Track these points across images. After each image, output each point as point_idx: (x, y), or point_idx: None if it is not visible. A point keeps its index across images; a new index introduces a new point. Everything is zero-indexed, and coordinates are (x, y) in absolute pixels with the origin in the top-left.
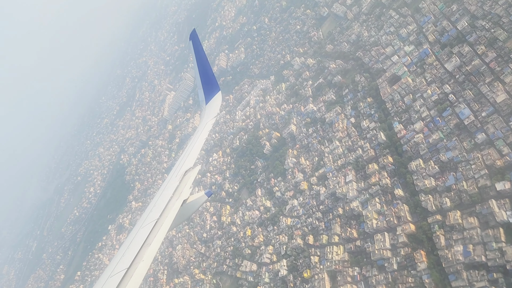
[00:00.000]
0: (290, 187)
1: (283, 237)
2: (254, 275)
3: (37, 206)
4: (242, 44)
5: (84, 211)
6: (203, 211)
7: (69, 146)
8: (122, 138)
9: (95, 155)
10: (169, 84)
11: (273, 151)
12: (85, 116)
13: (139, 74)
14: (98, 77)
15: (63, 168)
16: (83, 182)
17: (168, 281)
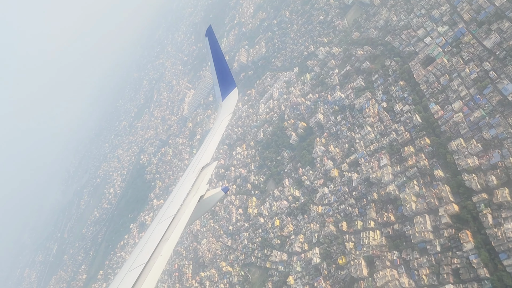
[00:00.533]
0: (320, 175)
1: (314, 225)
2: (284, 264)
3: (57, 209)
4: (263, 39)
5: (104, 211)
6: (228, 204)
7: (87, 150)
8: (141, 138)
9: (114, 157)
10: (188, 83)
11: (299, 141)
12: (103, 120)
13: (156, 76)
14: (115, 81)
15: (82, 171)
16: (102, 184)
17: (193, 275)
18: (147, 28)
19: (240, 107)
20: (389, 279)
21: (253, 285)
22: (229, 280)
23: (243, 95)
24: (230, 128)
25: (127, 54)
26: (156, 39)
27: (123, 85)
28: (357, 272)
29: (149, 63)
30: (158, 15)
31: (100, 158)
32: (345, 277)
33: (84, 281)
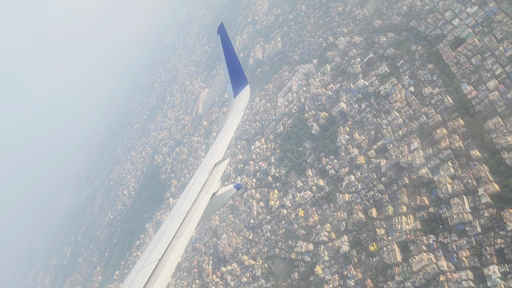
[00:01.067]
0: (345, 164)
1: (341, 213)
2: (311, 254)
3: (70, 214)
4: (278, 34)
5: (118, 213)
6: (249, 198)
7: (99, 155)
8: (155, 140)
9: (127, 160)
10: (202, 83)
11: (321, 131)
12: (114, 124)
13: (168, 78)
14: (126, 86)
15: (94, 176)
16: (116, 186)
17: (214, 271)
18: (158, 32)
19: (257, 102)
20: (426, 263)
21: (277, 277)
22: (252, 273)
23: (260, 90)
24: (247, 123)
25: (138, 58)
26: (167, 42)
27: (135, 89)
28: (390, 258)
29: (161, 67)
30: (169, 19)
31: (113, 161)
32: (377, 264)
33: (100, 282)
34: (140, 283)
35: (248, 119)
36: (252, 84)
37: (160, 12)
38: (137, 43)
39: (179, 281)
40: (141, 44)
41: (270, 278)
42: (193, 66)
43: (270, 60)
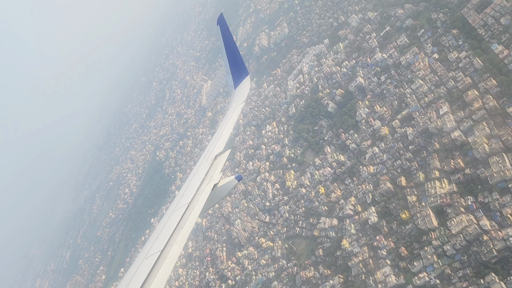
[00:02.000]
0: (367, 137)
1: (366, 186)
2: (335, 230)
3: (68, 218)
4: (284, 21)
5: (120, 212)
6: (262, 181)
7: (95, 158)
8: (156, 136)
9: (127, 159)
10: (204, 76)
11: (338, 108)
12: (111, 127)
13: (167, 76)
14: (121, 88)
15: (92, 178)
16: (116, 186)
17: (229, 257)
18: (153, 33)
19: (265, 87)
20: (466, 224)
21: (299, 255)
22: (272, 255)
23: (267, 76)
24: (255, 109)
25: (133, 60)
26: (164, 42)
27: (131, 91)
28: (425, 224)
29: (158, 66)
30: (164, 19)
31: (111, 162)
32: (410, 231)
33: (104, 282)
34: (143, 274)
35: (256, 105)
36: (259, 71)
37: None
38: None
39: (191, 271)
40: (136, 46)
41: (292, 258)
42: (193, 61)
43: (277, 46)
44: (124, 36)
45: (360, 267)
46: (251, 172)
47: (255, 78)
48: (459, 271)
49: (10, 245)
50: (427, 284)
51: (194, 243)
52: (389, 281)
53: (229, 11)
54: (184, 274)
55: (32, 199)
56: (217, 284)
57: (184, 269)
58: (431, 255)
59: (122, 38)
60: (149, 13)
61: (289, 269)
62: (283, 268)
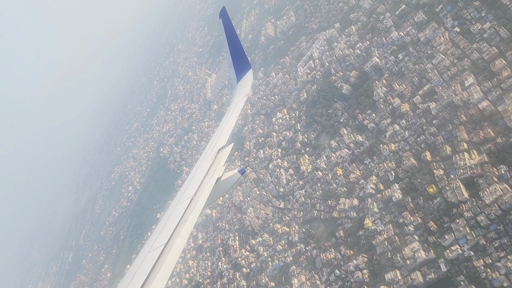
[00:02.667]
0: (386, 115)
1: (388, 163)
2: (356, 210)
3: (69, 220)
4: (290, 10)
5: (124, 210)
6: (275, 168)
7: (96, 159)
8: (158, 134)
9: (129, 158)
10: (207, 70)
11: (353, 90)
12: (111, 128)
13: (168, 74)
14: (120, 89)
15: (92, 180)
16: (118, 185)
17: (242, 245)
18: (152, 33)
19: (273, 76)
20: (501, 193)
21: (318, 238)
22: (288, 240)
23: (275, 65)
24: (264, 98)
25: (132, 62)
26: (163, 41)
27: (130, 91)
28: (455, 196)
29: (158, 65)
30: (163, 19)
31: (112, 162)
32: (439, 205)
33: (109, 279)
34: (147, 267)
35: (265, 94)
36: (266, 61)
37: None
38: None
39: (202, 262)
40: (135, 47)
41: (310, 241)
42: (195, 57)
43: (284, 35)
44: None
45: (386, 244)
46: (262, 160)
47: (262, 67)
48: (495, 241)
49: (9, 250)
50: (460, 257)
51: (204, 235)
52: (418, 257)
53: (231, 5)
54: (195, 265)
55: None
56: (231, 273)
57: (194, 261)
58: (463, 227)
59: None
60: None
61: (307, 253)
62: (301, 252)
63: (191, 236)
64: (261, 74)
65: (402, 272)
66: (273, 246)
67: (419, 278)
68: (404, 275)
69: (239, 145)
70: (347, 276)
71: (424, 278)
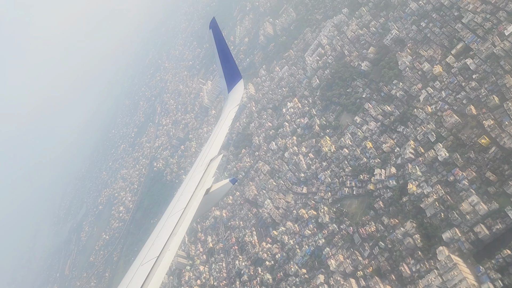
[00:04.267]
0: (416, 81)
1: (426, 126)
2: (395, 178)
3: (50, 253)
4: (289, 7)
5: (116, 231)
6: (291, 156)
7: (78, 189)
8: (150, 150)
9: (117, 179)
10: (201, 79)
11: (373, 65)
12: (93, 155)
13: (155, 92)
14: (102, 115)
15: (76, 209)
16: (107, 208)
17: (261, 239)
18: (133, 58)
19: (278, 70)
20: None
21: (353, 215)
22: (317, 223)
23: (278, 60)
24: (270, 93)
25: (112, 88)
26: (147, 63)
27: (113, 117)
28: None
29: (143, 86)
30: (145, 44)
31: (98, 187)
32: (494, 155)
33: None
34: (139, 281)
35: (270, 89)
36: (268, 58)
37: (135, 38)
38: (112, 72)
39: (215, 265)
40: (116, 72)
41: (344, 219)
42: (186, 71)
43: (285, 31)
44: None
45: (436, 205)
46: (276, 152)
47: (264, 65)
48: None
49: None
50: None
51: (215, 237)
52: (479, 209)
53: (222, 15)
54: (207, 270)
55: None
56: (251, 270)
57: (205, 266)
58: None
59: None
60: (130, 39)
61: (342, 231)
62: (335, 232)
63: (199, 241)
64: (263, 71)
65: (461, 229)
66: (300, 232)
67: (484, 231)
68: (465, 231)
69: (246, 142)
70: (394, 246)
71: (490, 230)
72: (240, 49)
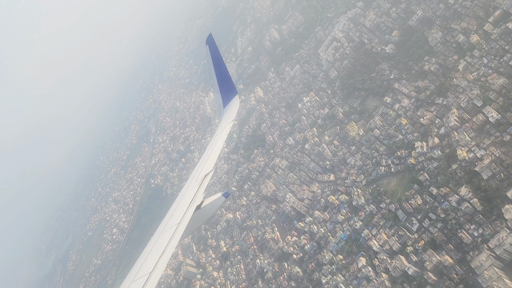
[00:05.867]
0: (451, 53)
1: (470, 92)
2: (440, 147)
3: None
4: (296, 12)
5: (110, 253)
6: (313, 146)
7: (62, 220)
8: (145, 168)
9: (109, 203)
10: (201, 92)
11: (399, 47)
12: (79, 185)
13: (148, 114)
14: (88, 146)
15: (60, 240)
16: (98, 233)
17: (284, 234)
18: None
19: (288, 70)
20: None
21: (393, 192)
22: (352, 206)
23: (288, 61)
24: (281, 93)
25: (101, 117)
26: (138, 89)
27: (101, 144)
28: None
29: (135, 110)
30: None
31: (86, 215)
32: None
33: None
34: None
35: (282, 88)
36: (276, 62)
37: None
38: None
39: (231, 268)
40: (104, 103)
41: (383, 198)
42: (182, 88)
43: (293, 34)
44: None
45: (493, 166)
46: (293, 146)
47: (272, 68)
48: None
49: None
50: None
51: (229, 240)
52: None
53: (220, 32)
54: (221, 275)
55: None
56: (275, 266)
57: (219, 271)
58: None
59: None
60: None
61: (382, 210)
62: (373, 213)
63: (209, 248)
64: (271, 74)
65: None
66: (331, 219)
67: None
68: None
69: (258, 143)
70: (449, 214)
71: None
72: (244, 58)
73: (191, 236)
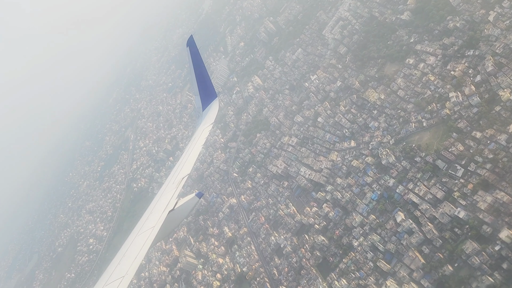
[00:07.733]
0: (477, 9)
1: (506, 38)
2: (478, 94)
3: None
4: (292, 2)
5: (86, 264)
6: (327, 119)
7: (23, 243)
8: (125, 175)
9: (82, 215)
10: (188, 92)
11: (416, 13)
12: (44, 204)
13: (126, 123)
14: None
15: (21, 263)
16: (69, 248)
17: (300, 208)
18: (92, 102)
19: (289, 55)
20: None
21: (427, 146)
22: (381, 166)
23: (288, 47)
24: (283, 77)
25: (66, 136)
26: (111, 102)
27: (70, 161)
28: None
29: (109, 122)
30: (107, 86)
31: (54, 232)
32: None
33: None
34: None
35: (284, 73)
36: (272, 51)
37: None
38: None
39: (239, 251)
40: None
41: (417, 152)
42: (164, 93)
43: (291, 23)
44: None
45: None
46: (302, 123)
47: (270, 56)
48: None
49: None
50: None
51: (234, 225)
52: None
53: (205, 36)
54: (228, 261)
55: None
56: (294, 240)
57: (226, 257)
58: None
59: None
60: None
61: (418, 164)
62: (407, 169)
63: (210, 236)
64: (270, 62)
65: None
66: (357, 183)
67: None
68: None
69: (261, 126)
70: (498, 154)
71: None
72: (236, 53)
73: (187, 229)
